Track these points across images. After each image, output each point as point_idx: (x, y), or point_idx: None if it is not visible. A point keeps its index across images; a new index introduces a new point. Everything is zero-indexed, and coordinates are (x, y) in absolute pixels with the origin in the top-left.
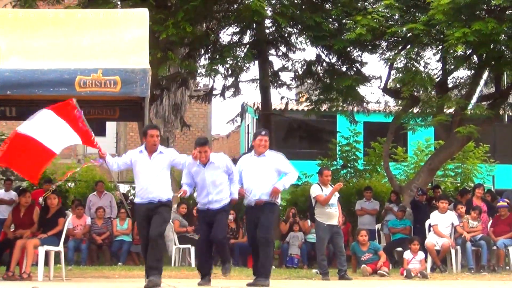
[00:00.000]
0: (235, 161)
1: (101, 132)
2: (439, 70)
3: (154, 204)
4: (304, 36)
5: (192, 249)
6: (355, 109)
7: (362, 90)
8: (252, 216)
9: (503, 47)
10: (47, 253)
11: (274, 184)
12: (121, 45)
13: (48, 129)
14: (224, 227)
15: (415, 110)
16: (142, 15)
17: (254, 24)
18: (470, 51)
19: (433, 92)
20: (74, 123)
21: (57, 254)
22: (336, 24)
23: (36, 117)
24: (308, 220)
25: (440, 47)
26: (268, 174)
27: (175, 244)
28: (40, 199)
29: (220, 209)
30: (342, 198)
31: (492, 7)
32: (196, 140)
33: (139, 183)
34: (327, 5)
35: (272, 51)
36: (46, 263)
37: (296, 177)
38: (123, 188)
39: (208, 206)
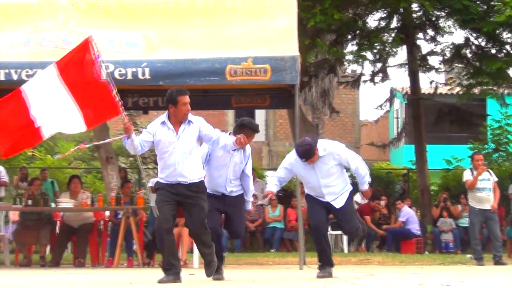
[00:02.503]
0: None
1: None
2: None
3: (184, 186)
4: (452, 19)
5: (345, 235)
6: (506, 91)
7: None
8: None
9: None
10: None
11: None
12: (270, 33)
13: (47, 100)
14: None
15: None
16: (290, 3)
17: (401, 9)
18: None
19: None
20: (86, 85)
21: None
22: (485, 7)
23: (41, 76)
24: (459, 205)
25: None
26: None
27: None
28: None
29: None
30: None
31: None
32: (247, 123)
33: (164, 162)
34: None
35: (420, 35)
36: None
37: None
38: (273, 175)
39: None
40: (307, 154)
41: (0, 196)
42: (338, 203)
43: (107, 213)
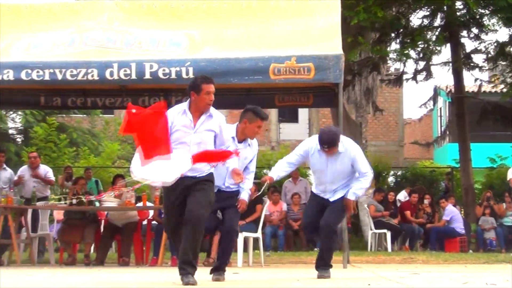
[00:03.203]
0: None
1: (294, 118)
2: None
3: (194, 179)
4: (496, 17)
5: (388, 234)
6: None
7: None
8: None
9: None
10: (246, 240)
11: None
12: (313, 31)
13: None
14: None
15: None
16: (334, 1)
17: (445, 7)
18: None
19: None
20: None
21: (255, 240)
22: None
23: None
24: (503, 204)
25: None
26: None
27: (370, 229)
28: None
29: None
30: None
31: None
32: (257, 111)
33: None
34: None
35: (464, 33)
36: (245, 249)
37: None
38: None
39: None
40: (331, 142)
41: (45, 195)
42: (333, 198)
43: (151, 212)
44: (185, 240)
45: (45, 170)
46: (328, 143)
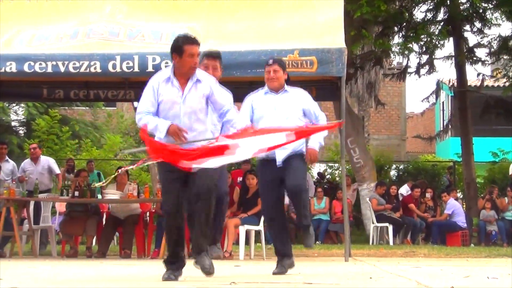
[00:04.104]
0: None
1: None
2: None
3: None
4: (499, 11)
5: (390, 228)
6: None
7: None
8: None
9: None
10: (247, 232)
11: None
12: (316, 25)
13: None
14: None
15: None
16: None
17: (448, 1)
18: None
19: None
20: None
21: (257, 233)
22: None
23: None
24: (506, 198)
25: None
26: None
27: (372, 223)
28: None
29: None
30: None
31: None
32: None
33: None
34: None
35: (467, 27)
36: (247, 242)
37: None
38: (319, 167)
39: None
40: (279, 60)
41: (49, 188)
42: (282, 156)
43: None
44: (197, 222)
45: (47, 161)
46: (274, 59)
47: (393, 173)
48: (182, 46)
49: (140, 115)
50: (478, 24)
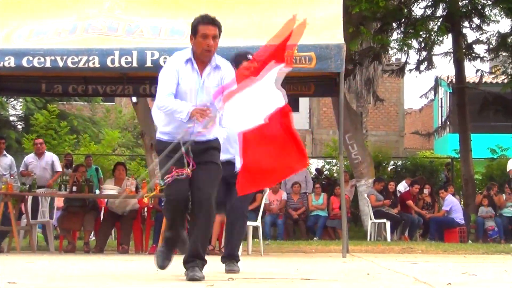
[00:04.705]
0: None
1: (295, 108)
2: None
3: (198, 146)
4: (498, 8)
5: (388, 224)
6: None
7: None
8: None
9: None
10: None
11: None
12: (315, 21)
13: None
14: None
15: None
16: None
17: None
18: None
19: None
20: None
21: (255, 229)
22: None
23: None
24: (503, 195)
25: None
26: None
27: (370, 219)
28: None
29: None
30: None
31: None
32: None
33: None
34: None
35: (466, 24)
36: (244, 238)
37: None
38: (317, 163)
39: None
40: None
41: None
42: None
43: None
44: (197, 228)
45: (51, 157)
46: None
47: (391, 169)
48: (196, 26)
49: (164, 97)
50: (476, 21)
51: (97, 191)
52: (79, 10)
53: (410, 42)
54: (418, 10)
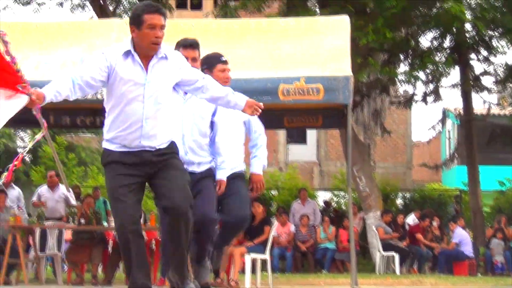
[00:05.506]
0: None
1: (302, 139)
2: None
3: (151, 154)
4: (505, 39)
5: (397, 257)
6: None
7: None
8: None
9: None
10: (253, 261)
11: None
12: (322, 52)
13: None
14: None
15: None
16: (343, 22)
17: (454, 29)
18: None
19: None
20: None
21: (263, 261)
22: None
23: None
24: None
25: None
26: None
27: (379, 252)
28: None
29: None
30: None
31: None
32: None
33: (121, 116)
34: None
35: (473, 55)
36: (253, 271)
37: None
38: (324, 195)
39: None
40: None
41: (58, 216)
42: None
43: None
44: (171, 247)
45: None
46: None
47: (399, 201)
48: (141, 15)
49: (69, 73)
50: (484, 52)
51: (105, 223)
52: (87, 41)
53: (417, 74)
54: (425, 42)
